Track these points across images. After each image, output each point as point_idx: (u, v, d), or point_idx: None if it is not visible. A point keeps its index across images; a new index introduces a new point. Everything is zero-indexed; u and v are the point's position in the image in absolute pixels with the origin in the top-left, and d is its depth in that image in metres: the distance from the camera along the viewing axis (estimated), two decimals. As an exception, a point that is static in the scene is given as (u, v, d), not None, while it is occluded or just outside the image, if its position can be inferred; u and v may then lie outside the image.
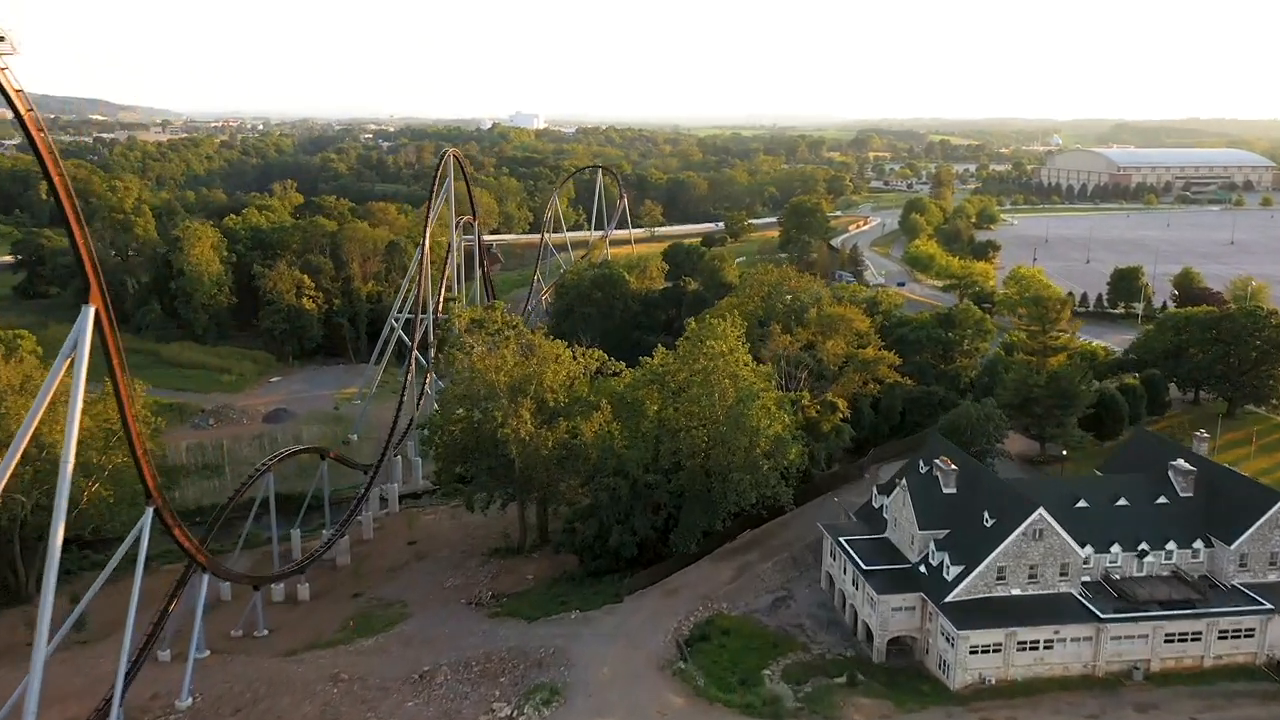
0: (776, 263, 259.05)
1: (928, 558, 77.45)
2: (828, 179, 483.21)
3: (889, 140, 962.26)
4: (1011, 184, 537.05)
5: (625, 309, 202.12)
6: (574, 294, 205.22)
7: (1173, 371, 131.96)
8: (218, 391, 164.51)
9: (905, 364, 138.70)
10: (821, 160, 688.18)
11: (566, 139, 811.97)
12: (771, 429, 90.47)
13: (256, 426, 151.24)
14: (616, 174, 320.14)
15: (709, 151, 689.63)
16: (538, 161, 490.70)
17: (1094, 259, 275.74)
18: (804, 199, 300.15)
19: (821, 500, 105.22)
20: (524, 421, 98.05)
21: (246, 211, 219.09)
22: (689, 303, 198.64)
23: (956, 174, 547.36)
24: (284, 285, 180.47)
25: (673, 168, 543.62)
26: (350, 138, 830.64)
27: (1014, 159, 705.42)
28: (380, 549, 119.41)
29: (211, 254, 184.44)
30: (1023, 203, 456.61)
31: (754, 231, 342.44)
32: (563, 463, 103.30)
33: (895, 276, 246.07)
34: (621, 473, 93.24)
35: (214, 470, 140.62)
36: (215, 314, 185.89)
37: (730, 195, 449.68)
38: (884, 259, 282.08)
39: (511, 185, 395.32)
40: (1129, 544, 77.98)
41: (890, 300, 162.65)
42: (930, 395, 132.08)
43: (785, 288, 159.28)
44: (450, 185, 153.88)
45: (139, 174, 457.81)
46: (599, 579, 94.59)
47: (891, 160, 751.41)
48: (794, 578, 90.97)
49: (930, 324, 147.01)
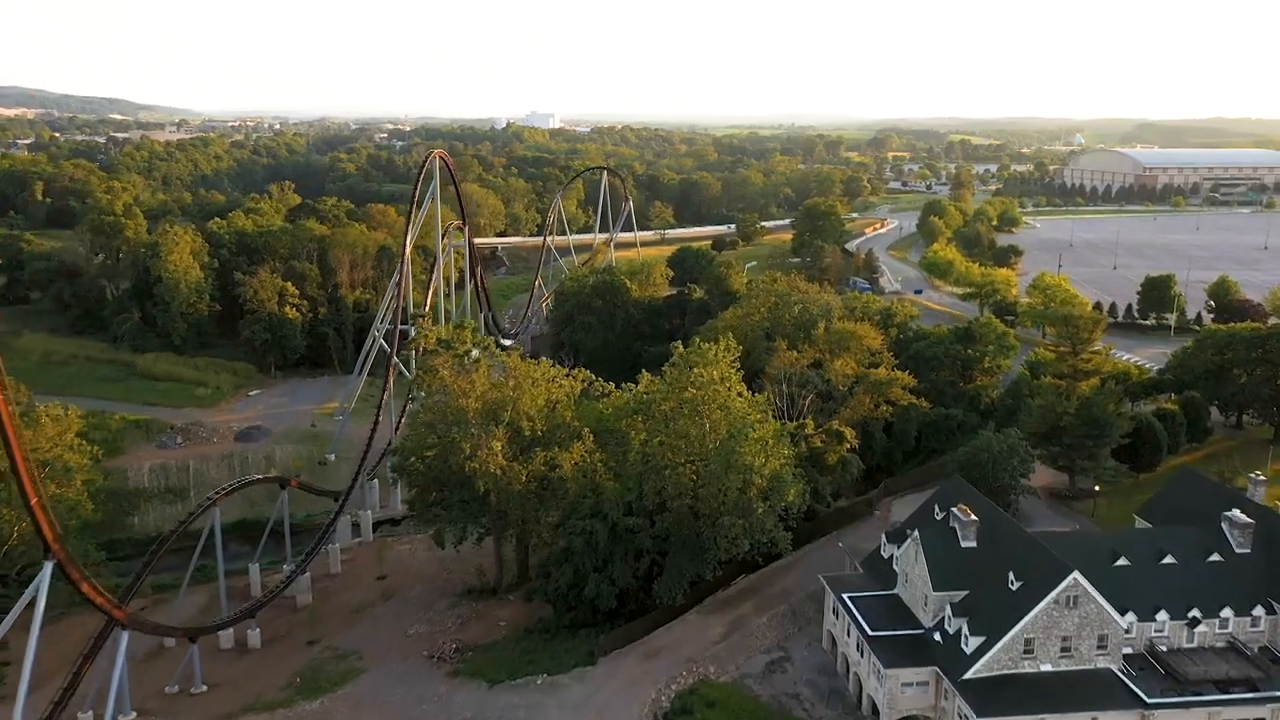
0: (787, 269, 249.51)
1: (943, 623, 67.08)
2: (844, 180, 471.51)
3: (908, 140, 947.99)
4: (1033, 185, 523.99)
5: (627, 318, 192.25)
6: (573, 302, 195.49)
7: (1214, 394, 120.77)
8: (192, 406, 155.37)
9: (921, 383, 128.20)
10: (839, 160, 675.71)
11: (580, 138, 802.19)
12: (767, 467, 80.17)
13: (227, 445, 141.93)
14: (623, 175, 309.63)
15: (725, 151, 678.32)
16: (548, 162, 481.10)
17: (1121, 264, 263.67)
18: (818, 202, 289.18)
19: (826, 541, 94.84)
20: (494, 454, 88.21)
21: (233, 215, 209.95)
22: (693, 312, 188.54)
23: (977, 174, 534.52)
24: (265, 293, 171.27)
25: (687, 168, 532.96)
26: (365, 137, 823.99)
27: (1035, 159, 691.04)
28: (346, 585, 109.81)
29: (191, 260, 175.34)
30: (1045, 204, 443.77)
31: (767, 235, 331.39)
32: (540, 497, 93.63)
33: (912, 283, 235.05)
34: (599, 514, 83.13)
35: (178, 494, 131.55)
36: (195, 323, 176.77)
37: (744, 196, 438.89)
38: (901, 264, 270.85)
39: (519, 186, 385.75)
40: (1178, 610, 67.39)
41: (905, 312, 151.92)
42: (948, 419, 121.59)
43: (794, 298, 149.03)
44: (436, 188, 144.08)
45: (144, 174, 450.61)
46: (575, 632, 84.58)
47: (910, 160, 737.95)
48: (792, 634, 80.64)
49: (948, 339, 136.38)
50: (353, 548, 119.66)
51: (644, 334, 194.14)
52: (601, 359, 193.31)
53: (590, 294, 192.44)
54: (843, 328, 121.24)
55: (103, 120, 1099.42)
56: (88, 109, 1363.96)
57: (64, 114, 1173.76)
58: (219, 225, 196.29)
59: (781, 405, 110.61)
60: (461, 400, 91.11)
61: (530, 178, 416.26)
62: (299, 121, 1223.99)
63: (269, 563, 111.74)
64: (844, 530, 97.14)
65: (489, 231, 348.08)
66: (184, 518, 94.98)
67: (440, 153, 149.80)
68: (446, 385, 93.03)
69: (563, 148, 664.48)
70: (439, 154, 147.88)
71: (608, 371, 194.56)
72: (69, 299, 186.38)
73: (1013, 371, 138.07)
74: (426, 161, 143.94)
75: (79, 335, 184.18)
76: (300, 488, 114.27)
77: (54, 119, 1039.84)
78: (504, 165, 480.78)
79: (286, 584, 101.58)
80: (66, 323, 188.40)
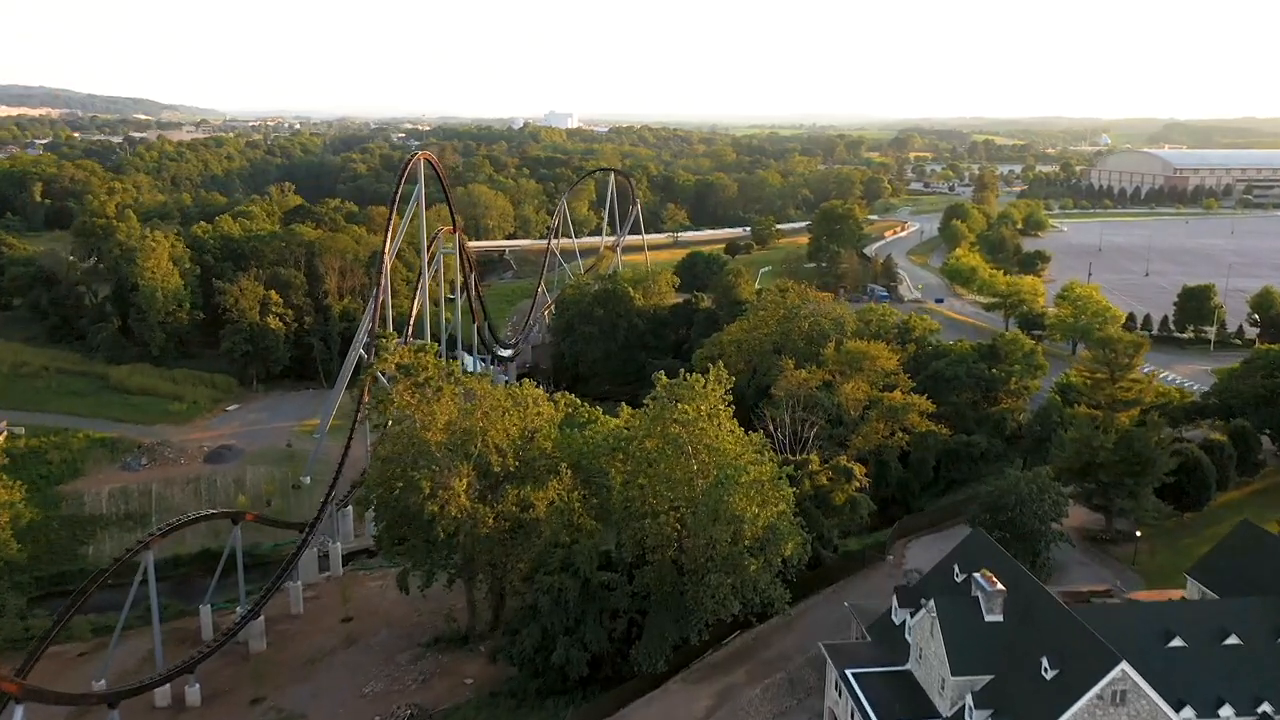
0: (802, 274, 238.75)
1: (964, 714, 56.65)
2: (864, 181, 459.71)
3: (930, 140, 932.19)
4: (1059, 186, 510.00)
5: (630, 328, 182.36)
6: (574, 311, 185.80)
7: (1265, 421, 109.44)
8: (164, 423, 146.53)
9: (940, 405, 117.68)
10: (860, 161, 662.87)
11: (597, 138, 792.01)
12: (762, 517, 69.76)
13: (195, 467, 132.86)
14: (636, 176, 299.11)
15: (743, 151, 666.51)
16: (561, 162, 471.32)
17: (1153, 271, 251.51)
18: (835, 205, 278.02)
19: (832, 592, 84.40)
20: (456, 494, 78.32)
21: (220, 218, 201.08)
22: (700, 323, 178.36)
23: (1001, 176, 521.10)
24: (246, 301, 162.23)
25: (705, 168, 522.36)
26: (381, 137, 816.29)
27: (1061, 159, 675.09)
28: (307, 627, 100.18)
29: (170, 266, 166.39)
30: (1072, 207, 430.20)
31: (783, 238, 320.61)
32: (511, 540, 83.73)
33: (933, 290, 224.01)
34: (569, 568, 73.00)
35: (138, 521, 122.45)
36: (174, 332, 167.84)
37: (761, 198, 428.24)
38: (922, 270, 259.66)
39: (529, 187, 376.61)
40: (1244, 703, 56.68)
41: (924, 326, 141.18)
42: (970, 447, 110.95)
43: (803, 310, 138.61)
44: (421, 191, 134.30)
45: (153, 175, 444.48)
46: (543, 700, 74.54)
47: (933, 161, 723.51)
48: (790, 708, 70.27)
49: (970, 357, 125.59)
50: (320, 583, 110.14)
51: (648, 345, 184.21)
52: (603, 371, 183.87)
53: (591, 303, 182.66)
54: (854, 348, 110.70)
55: (123, 120, 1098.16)
56: (112, 109, 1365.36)
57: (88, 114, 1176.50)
58: (203, 230, 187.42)
59: (786, 435, 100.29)
60: (422, 433, 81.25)
61: (542, 178, 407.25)
62: (320, 121, 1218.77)
63: (225, 602, 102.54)
64: (852, 579, 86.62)
65: (498, 234, 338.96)
66: (104, 569, 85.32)
67: (426, 155, 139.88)
68: (406, 416, 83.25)
69: (579, 148, 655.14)
70: (424, 156, 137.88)
71: (609, 384, 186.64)
72: (47, 306, 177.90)
73: (1041, 393, 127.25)
74: (409, 163, 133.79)
75: (56, 345, 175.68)
76: (258, 521, 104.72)
77: (75, 119, 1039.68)
78: (516, 166, 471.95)
79: (232, 634, 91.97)
80: (45, 331, 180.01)
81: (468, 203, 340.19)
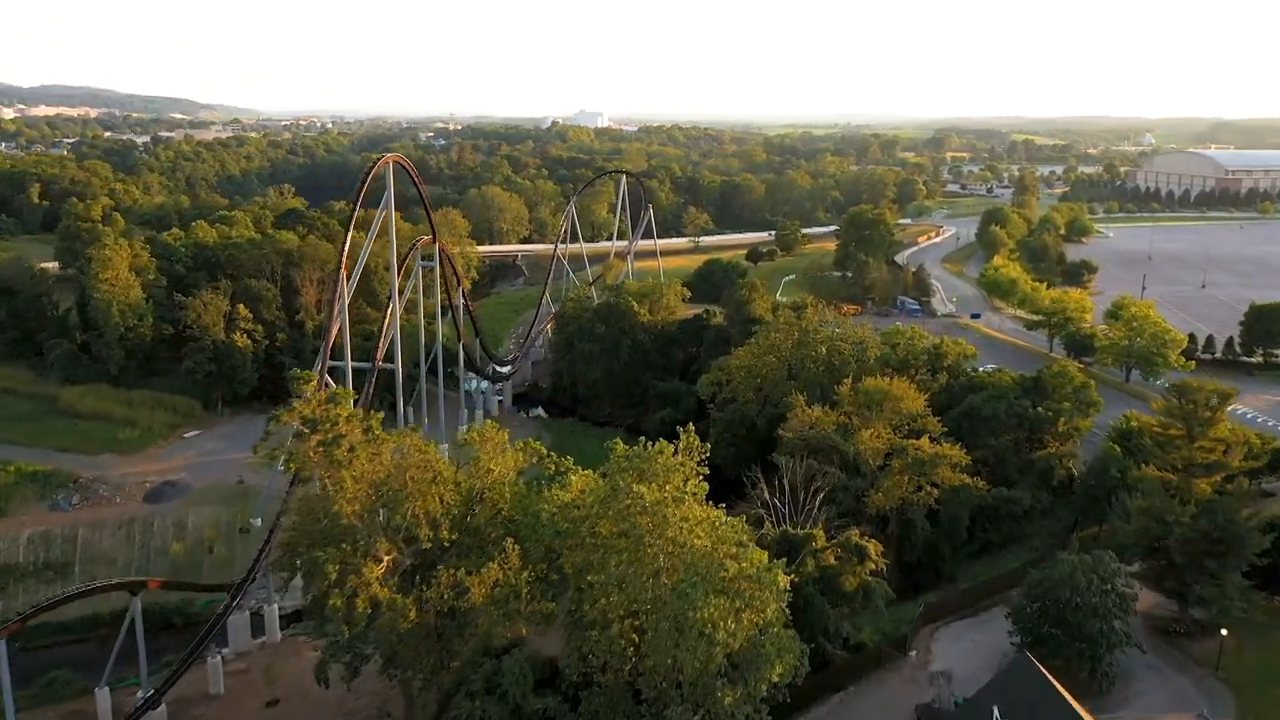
0: (825, 285, 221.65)
1: None
2: (898, 182, 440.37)
3: (968, 139, 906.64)
4: (1103, 188, 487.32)
5: (634, 345, 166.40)
6: (574, 327, 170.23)
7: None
8: (112, 452, 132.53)
9: (976, 448, 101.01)
10: (895, 161, 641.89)
11: (626, 138, 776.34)
12: (740, 633, 53.65)
13: (132, 508, 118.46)
14: (658, 178, 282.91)
15: (774, 151, 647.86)
16: (583, 163, 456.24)
17: (1210, 282, 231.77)
18: (864, 209, 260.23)
19: (839, 703, 68.13)
20: (366, 583, 62.87)
21: (195, 224, 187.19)
22: (710, 341, 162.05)
23: (1041, 177, 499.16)
24: (209, 317, 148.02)
25: (733, 169, 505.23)
26: (409, 136, 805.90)
27: (1104, 160, 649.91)
28: (222, 715, 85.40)
29: (130, 277, 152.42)
30: (1117, 210, 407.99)
31: (810, 243, 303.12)
32: (442, 634, 68.13)
33: (969, 304, 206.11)
34: (495, 689, 57.29)
35: (58, 571, 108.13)
36: (136, 349, 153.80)
37: (790, 200, 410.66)
38: (957, 280, 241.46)
39: (547, 189, 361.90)
40: None
41: (958, 352, 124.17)
42: (1011, 503, 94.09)
43: (820, 334, 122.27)
44: (390, 199, 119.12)
45: (168, 175, 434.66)
46: None
47: (970, 161, 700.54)
48: None
49: (1012, 391, 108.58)
50: (251, 652, 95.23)
51: (654, 365, 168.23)
52: (605, 392, 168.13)
53: (593, 318, 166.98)
54: (874, 386, 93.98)
55: (156, 119, 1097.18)
56: (150, 108, 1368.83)
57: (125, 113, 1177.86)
58: (174, 237, 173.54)
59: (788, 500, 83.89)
60: (331, 503, 65.82)
61: (561, 179, 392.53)
62: (354, 121, 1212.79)
63: (134, 678, 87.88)
64: (864, 683, 70.21)
65: (512, 237, 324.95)
66: None
67: (395, 157, 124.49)
68: (313, 480, 68.06)
69: (605, 147, 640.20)
70: (393, 159, 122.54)
71: (612, 407, 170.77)
72: (5, 319, 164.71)
73: (1095, 432, 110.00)
74: (370, 171, 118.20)
75: (14, 361, 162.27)
76: (166, 588, 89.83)
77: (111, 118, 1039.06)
78: (536, 166, 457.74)
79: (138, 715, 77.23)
80: (3, 346, 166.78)
81: (481, 205, 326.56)
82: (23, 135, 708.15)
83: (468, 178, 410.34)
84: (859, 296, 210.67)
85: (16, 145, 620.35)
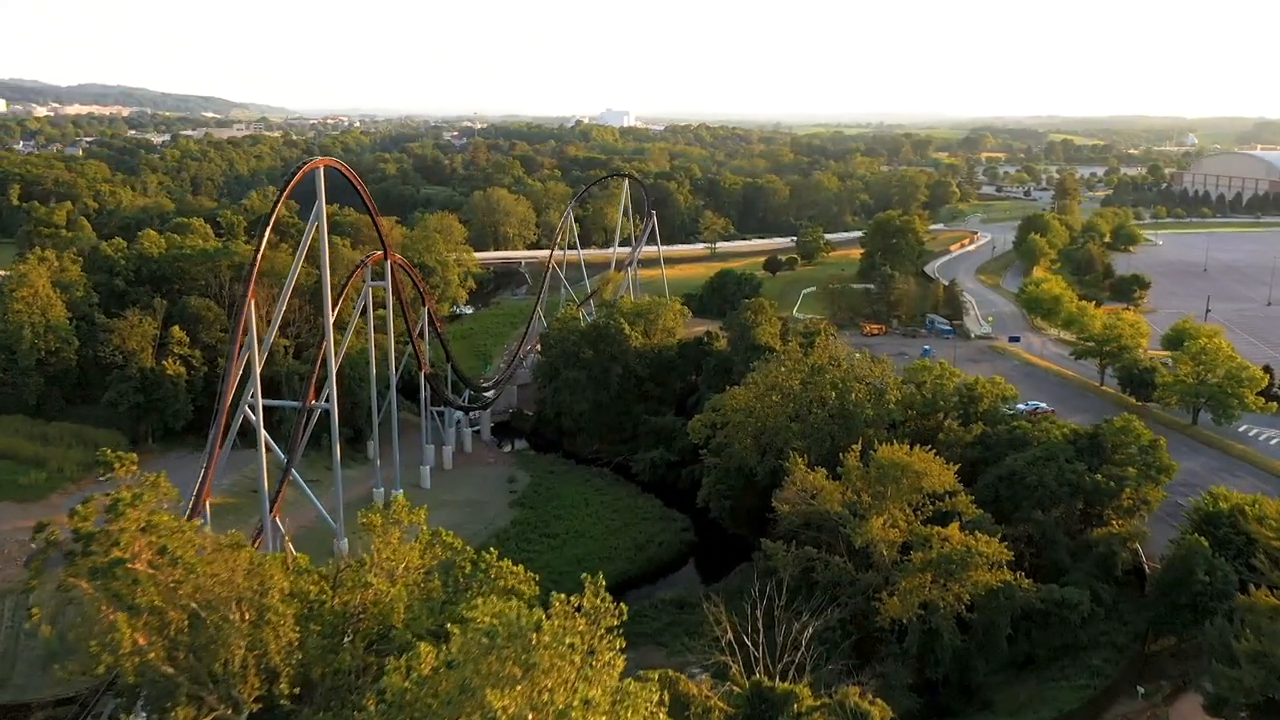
0: (847, 300, 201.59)
1: None
2: (931, 184, 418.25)
3: (1003, 139, 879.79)
4: (1148, 192, 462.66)
5: (625, 373, 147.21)
6: (557, 351, 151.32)
7: None
8: (8, 499, 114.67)
9: (1017, 523, 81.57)
10: (927, 162, 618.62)
11: (651, 137, 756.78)
12: None
13: (6, 574, 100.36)
14: (645, 184, 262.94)
15: (802, 151, 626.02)
16: (600, 163, 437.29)
17: (1276, 300, 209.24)
18: (891, 216, 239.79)
19: None
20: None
21: (143, 233, 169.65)
22: (710, 370, 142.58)
23: (1082, 179, 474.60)
24: (135, 342, 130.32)
25: (759, 169, 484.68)
26: (432, 135, 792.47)
27: (1146, 161, 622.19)
28: None
29: (53, 295, 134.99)
30: (1165, 216, 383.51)
31: (835, 250, 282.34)
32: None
33: (1006, 324, 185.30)
34: None
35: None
36: (60, 376, 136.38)
37: (816, 203, 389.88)
38: (993, 293, 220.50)
39: (558, 191, 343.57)
40: None
41: (995, 393, 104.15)
42: (1065, 609, 73.77)
43: (828, 376, 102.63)
44: (322, 209, 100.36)
45: (172, 176, 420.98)
46: None
47: (1006, 162, 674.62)
48: None
49: (1063, 450, 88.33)
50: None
51: (648, 395, 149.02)
52: (592, 426, 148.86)
53: (579, 341, 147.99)
54: (891, 460, 73.92)
55: (183, 118, 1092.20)
56: (183, 107, 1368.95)
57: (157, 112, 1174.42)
58: (114, 248, 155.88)
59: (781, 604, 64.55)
60: (120, 647, 47.15)
61: (574, 181, 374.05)
62: (384, 120, 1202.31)
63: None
64: None
65: (519, 243, 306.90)
66: None
67: (328, 161, 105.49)
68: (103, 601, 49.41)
69: (627, 147, 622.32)
70: (324, 162, 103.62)
71: (600, 442, 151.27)
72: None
73: (1171, 502, 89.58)
74: (297, 176, 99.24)
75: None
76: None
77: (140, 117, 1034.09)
78: (552, 167, 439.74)
79: None
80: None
81: (485, 209, 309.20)
82: (42, 134, 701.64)
83: (478, 179, 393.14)
84: (884, 314, 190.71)
85: (35, 144, 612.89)
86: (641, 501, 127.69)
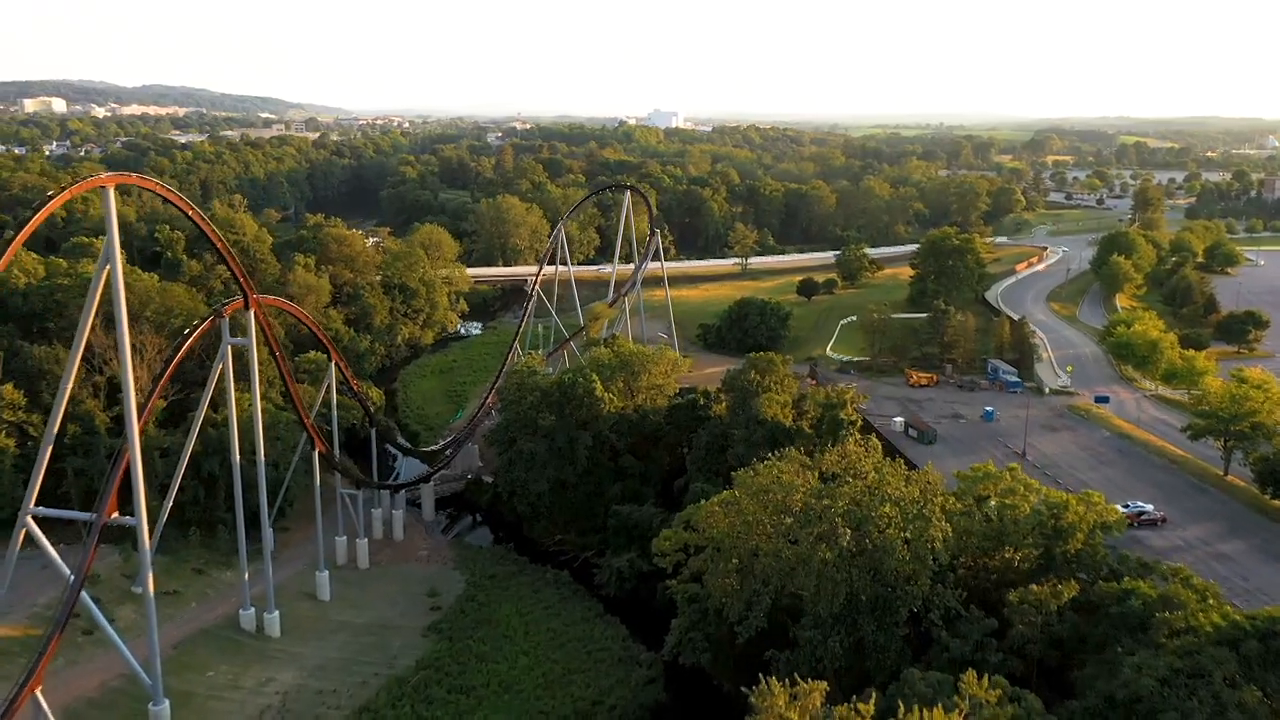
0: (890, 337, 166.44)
1: None
2: (992, 191, 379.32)
3: (1071, 142, 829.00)
4: (1235, 200, 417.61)
5: (596, 443, 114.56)
6: (513, 414, 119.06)
7: None
8: None
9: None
10: (989, 165, 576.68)
11: (697, 138, 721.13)
12: None
13: None
14: (646, 197, 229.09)
15: (855, 155, 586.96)
16: (632, 167, 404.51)
17: None
18: (947, 232, 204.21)
19: None
20: None
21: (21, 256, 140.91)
22: (704, 444, 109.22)
23: (1159, 185, 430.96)
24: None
25: (806, 174, 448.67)
26: (473, 135, 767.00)
27: (1228, 165, 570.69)
28: None
29: None
30: (1262, 229, 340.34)
31: (881, 270, 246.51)
32: None
33: (1087, 369, 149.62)
34: None
35: None
36: None
37: (866, 212, 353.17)
38: (1068, 326, 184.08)
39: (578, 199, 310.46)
40: None
41: (1092, 520, 70.08)
42: None
43: (839, 505, 69.43)
44: (113, 236, 69.40)
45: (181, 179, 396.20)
46: None
47: (1074, 166, 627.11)
48: None
49: (1213, 655, 54.13)
50: None
51: (626, 473, 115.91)
52: (555, 510, 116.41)
53: (538, 403, 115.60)
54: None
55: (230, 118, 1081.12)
56: (241, 107, 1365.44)
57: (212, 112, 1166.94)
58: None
59: None
60: None
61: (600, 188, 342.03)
62: (435, 120, 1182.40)
63: None
64: None
65: (529, 256, 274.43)
66: None
67: (117, 178, 73.85)
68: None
69: (670, 149, 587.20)
70: (113, 179, 72.47)
71: (563, 531, 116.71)
72: None
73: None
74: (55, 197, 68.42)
75: None
76: None
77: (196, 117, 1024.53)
78: (579, 171, 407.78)
79: None
80: None
81: (493, 218, 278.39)
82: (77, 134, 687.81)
83: (499, 184, 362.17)
84: (936, 357, 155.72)
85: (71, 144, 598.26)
86: (599, 630, 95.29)
